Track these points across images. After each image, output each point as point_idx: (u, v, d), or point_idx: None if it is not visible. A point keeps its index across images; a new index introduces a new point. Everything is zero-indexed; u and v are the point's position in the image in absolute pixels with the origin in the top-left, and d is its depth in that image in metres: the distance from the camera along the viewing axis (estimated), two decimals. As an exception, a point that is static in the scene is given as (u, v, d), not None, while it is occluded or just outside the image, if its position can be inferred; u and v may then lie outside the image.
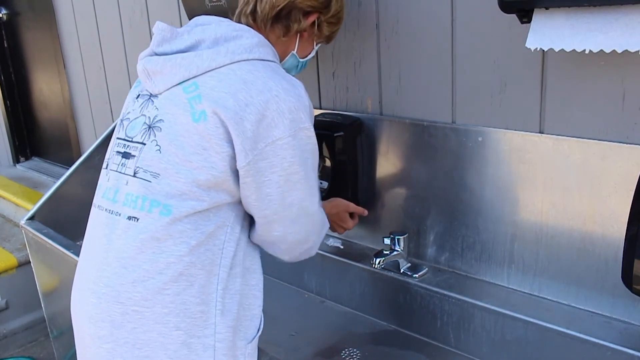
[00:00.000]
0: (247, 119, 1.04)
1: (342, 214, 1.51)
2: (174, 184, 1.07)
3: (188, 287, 1.08)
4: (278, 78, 1.09)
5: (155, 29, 1.15)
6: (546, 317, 1.23)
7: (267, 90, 1.06)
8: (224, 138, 1.05)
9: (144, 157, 1.09)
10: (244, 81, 1.07)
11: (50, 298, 2.23)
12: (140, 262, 1.08)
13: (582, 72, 1.16)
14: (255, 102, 1.05)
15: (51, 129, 3.57)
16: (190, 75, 1.09)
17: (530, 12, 1.08)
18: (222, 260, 1.11)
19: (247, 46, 1.11)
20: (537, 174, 1.25)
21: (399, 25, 1.43)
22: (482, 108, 1.32)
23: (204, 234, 1.08)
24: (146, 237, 1.08)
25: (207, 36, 1.12)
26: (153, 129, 1.10)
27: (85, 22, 2.76)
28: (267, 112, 1.05)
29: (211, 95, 1.06)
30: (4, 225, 3.29)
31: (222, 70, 1.08)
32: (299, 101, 1.09)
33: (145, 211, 1.08)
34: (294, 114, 1.07)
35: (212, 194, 1.08)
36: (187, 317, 1.08)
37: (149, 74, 1.13)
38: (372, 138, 1.54)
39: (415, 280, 1.43)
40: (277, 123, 1.06)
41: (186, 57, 1.10)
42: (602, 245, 1.18)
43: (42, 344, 2.93)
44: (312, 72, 1.68)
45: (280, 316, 1.54)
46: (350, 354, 1.37)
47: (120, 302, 1.08)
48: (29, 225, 2.09)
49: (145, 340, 1.08)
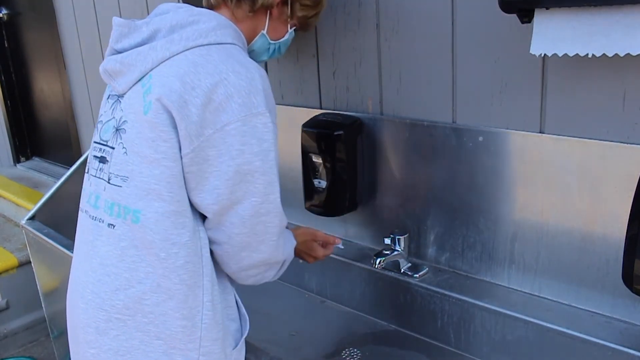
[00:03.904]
0: (192, 103, 0.98)
1: (309, 243, 1.38)
2: (140, 185, 1.03)
3: (167, 300, 1.04)
4: (231, 61, 1.02)
5: (113, 25, 1.12)
6: (547, 317, 1.22)
7: (217, 73, 1.00)
8: (169, 124, 0.99)
9: (115, 161, 1.06)
10: (194, 64, 1.01)
11: (51, 298, 2.24)
12: (121, 270, 1.05)
13: (582, 72, 1.16)
14: (202, 85, 0.99)
15: (52, 129, 3.57)
16: (146, 69, 1.04)
17: (531, 12, 1.08)
18: (204, 269, 1.05)
19: (202, 31, 1.05)
20: (538, 174, 1.25)
21: (400, 25, 1.43)
22: (483, 108, 1.32)
23: (176, 245, 1.02)
24: (126, 245, 1.05)
25: (163, 25, 1.07)
26: (119, 132, 1.06)
27: (85, 22, 2.76)
28: (215, 96, 0.98)
29: (160, 81, 1.01)
30: (4, 225, 3.29)
31: (176, 58, 1.03)
32: (250, 85, 1.01)
33: (121, 218, 1.05)
34: (244, 98, 1.00)
35: (174, 191, 1.02)
36: (167, 329, 1.05)
37: (110, 75, 1.09)
38: (373, 138, 1.54)
39: (415, 280, 1.43)
40: (225, 107, 0.98)
41: (141, 51, 1.05)
42: (603, 245, 1.18)
43: (42, 344, 2.93)
44: (313, 72, 1.68)
45: (280, 316, 1.54)
46: (350, 354, 1.37)
47: (104, 310, 1.07)
48: (29, 225, 2.09)
49: (127, 347, 1.06)
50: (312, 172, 1.58)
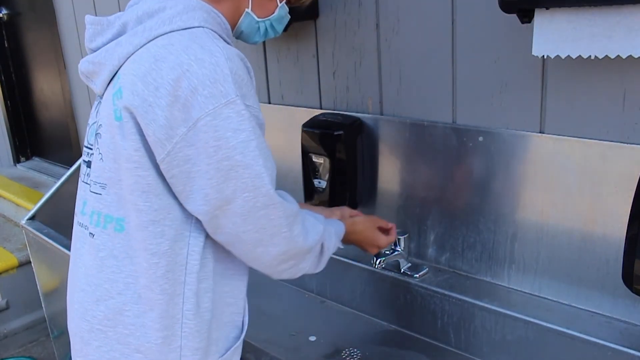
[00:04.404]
0: (157, 105, 0.90)
1: (370, 232, 1.31)
2: (120, 193, 0.98)
3: (148, 311, 1.00)
4: (194, 48, 0.93)
5: (85, 24, 1.07)
6: (547, 317, 1.22)
7: (178, 66, 0.91)
8: (137, 132, 0.93)
9: (94, 167, 1.02)
10: (155, 59, 0.93)
11: (51, 298, 2.24)
12: (101, 280, 1.02)
13: (582, 72, 1.16)
14: (165, 83, 0.90)
15: (51, 129, 3.57)
16: (114, 67, 0.98)
17: (531, 12, 1.08)
18: (186, 277, 1.00)
19: (166, 18, 0.97)
20: (538, 174, 1.25)
21: (400, 25, 1.43)
22: (483, 108, 1.32)
23: (156, 255, 0.97)
24: (105, 255, 1.01)
25: (131, 17, 1.00)
26: (97, 136, 1.02)
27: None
28: (179, 92, 0.90)
29: (125, 83, 0.94)
30: (4, 225, 3.29)
31: (139, 52, 0.96)
32: (215, 72, 0.91)
33: (100, 227, 1.01)
34: (210, 88, 0.90)
35: (151, 200, 0.95)
36: (147, 342, 1.01)
37: (87, 76, 1.05)
38: (373, 138, 1.54)
39: (415, 280, 1.43)
40: (192, 102, 0.90)
41: (109, 48, 1.00)
42: (603, 245, 1.18)
43: (42, 344, 2.93)
44: (313, 72, 1.68)
45: (280, 316, 1.54)
46: (350, 354, 1.37)
47: (87, 320, 1.05)
48: (29, 225, 2.09)
49: (108, 359, 1.03)
50: (312, 172, 1.58)
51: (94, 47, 1.05)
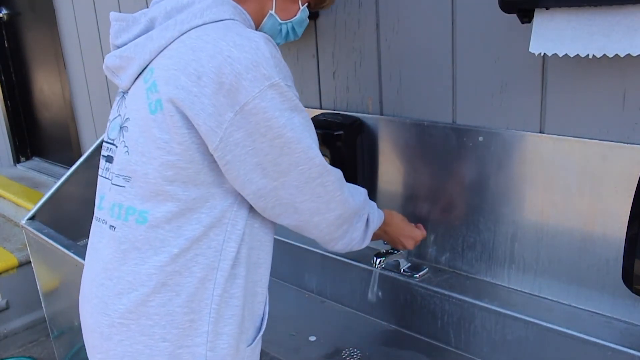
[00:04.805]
0: (202, 94, 0.92)
1: (403, 225, 1.34)
2: (145, 186, 0.99)
3: (174, 297, 1.01)
4: (230, 35, 0.95)
5: (110, 20, 1.08)
6: (547, 317, 1.22)
7: (219, 53, 0.93)
8: (183, 125, 0.95)
9: (117, 160, 1.03)
10: (192, 50, 0.95)
11: (51, 298, 2.24)
12: (123, 273, 1.02)
13: (582, 72, 1.16)
14: (207, 71, 0.92)
15: (52, 129, 3.57)
16: (145, 62, 1.00)
17: (531, 12, 1.08)
18: (220, 263, 1.02)
19: (197, 11, 0.99)
20: (538, 174, 1.25)
21: (400, 25, 1.43)
22: (483, 108, 1.32)
23: (189, 240, 0.99)
24: (127, 248, 1.01)
25: (159, 12, 1.01)
26: (123, 130, 1.03)
27: (85, 22, 2.76)
28: (224, 78, 0.92)
29: (164, 77, 0.96)
30: (4, 225, 3.29)
31: (173, 46, 0.98)
32: (257, 55, 0.94)
33: (121, 220, 1.02)
34: (254, 71, 0.93)
35: (190, 190, 0.98)
36: (174, 328, 1.01)
37: (113, 71, 1.07)
38: (373, 138, 1.54)
39: (415, 281, 1.43)
40: (237, 87, 0.92)
41: (139, 42, 1.01)
42: (603, 245, 1.18)
43: (42, 344, 2.93)
44: (313, 72, 1.68)
45: (280, 316, 1.54)
46: (350, 354, 1.37)
47: (107, 315, 1.05)
48: (29, 225, 2.09)
49: (132, 352, 1.03)
50: (312, 172, 1.57)
51: (120, 44, 1.06)
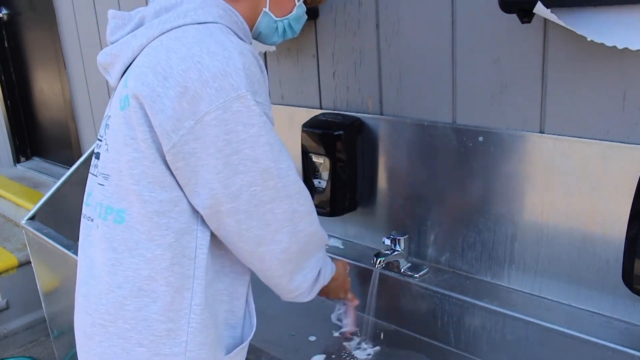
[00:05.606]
0: (165, 95, 0.90)
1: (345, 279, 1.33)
2: (120, 184, 0.97)
3: (150, 304, 0.98)
4: (207, 41, 0.93)
5: (108, 18, 1.08)
6: (547, 317, 1.22)
7: (190, 57, 0.90)
8: (145, 122, 0.92)
9: (102, 158, 1.03)
10: (167, 50, 0.93)
11: (51, 298, 2.24)
12: (102, 273, 1.00)
13: (582, 72, 1.16)
14: (174, 74, 0.90)
15: (52, 129, 3.57)
16: (129, 59, 0.99)
17: (531, 12, 1.08)
18: (195, 271, 0.98)
19: (181, 12, 0.97)
20: (538, 174, 1.25)
21: (400, 25, 1.43)
22: (483, 108, 1.32)
23: (161, 246, 0.96)
24: (106, 247, 1.00)
25: (149, 11, 1.01)
26: (106, 128, 1.03)
27: (85, 22, 2.76)
28: (189, 83, 0.89)
29: (135, 73, 0.95)
30: (4, 225, 3.29)
31: (153, 44, 0.97)
32: (227, 65, 0.90)
33: (101, 219, 1.00)
34: (220, 81, 0.89)
35: (156, 192, 0.95)
36: (151, 335, 0.99)
37: (104, 68, 1.07)
38: (373, 138, 1.54)
39: (415, 280, 1.43)
40: (201, 95, 0.89)
41: (125, 41, 1.01)
42: (603, 245, 1.18)
43: (42, 344, 2.93)
44: (313, 72, 1.68)
45: (280, 316, 1.54)
46: (350, 354, 1.37)
47: (89, 314, 1.04)
48: (29, 225, 2.09)
49: (110, 354, 1.02)
50: (312, 172, 1.58)
51: (113, 40, 1.06)
